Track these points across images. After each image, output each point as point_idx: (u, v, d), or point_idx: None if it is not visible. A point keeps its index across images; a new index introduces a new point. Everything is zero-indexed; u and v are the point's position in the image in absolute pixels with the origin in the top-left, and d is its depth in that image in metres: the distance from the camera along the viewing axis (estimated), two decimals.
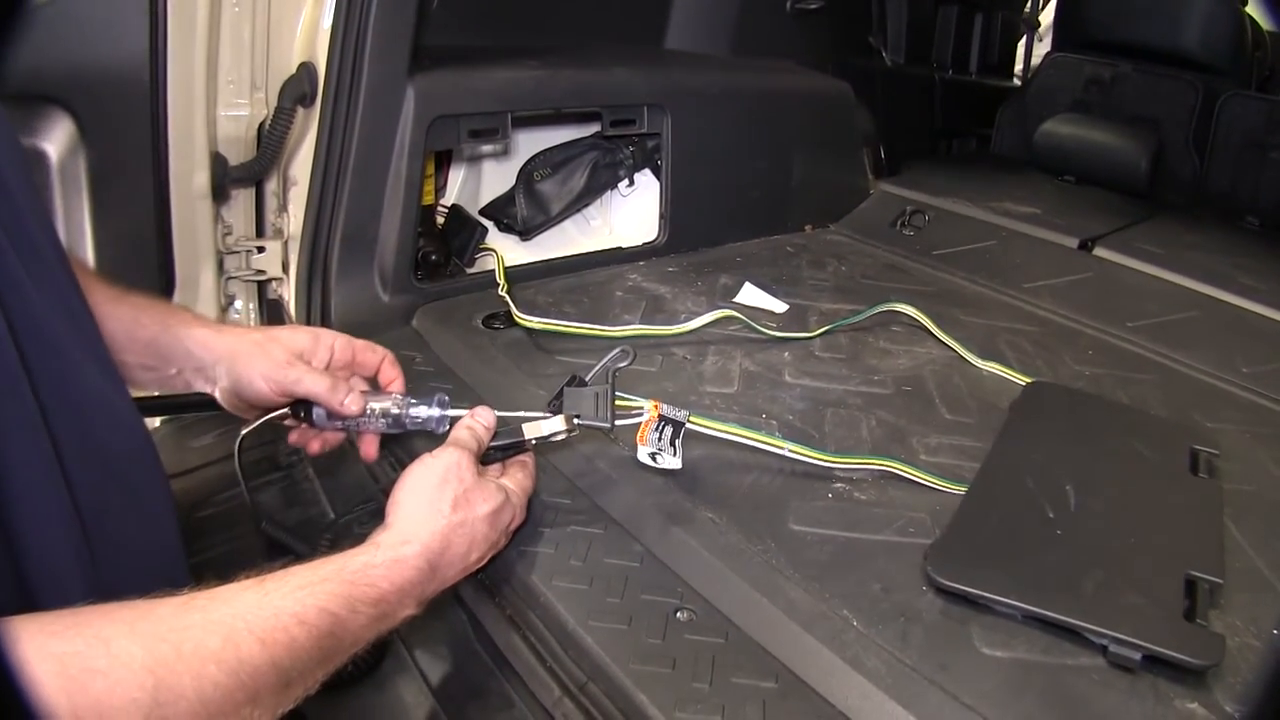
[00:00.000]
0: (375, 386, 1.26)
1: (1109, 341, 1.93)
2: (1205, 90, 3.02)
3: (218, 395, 1.16)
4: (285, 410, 1.19)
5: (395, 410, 1.19)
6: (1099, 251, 2.33)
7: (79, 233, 1.53)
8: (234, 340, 1.14)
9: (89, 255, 1.54)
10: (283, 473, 1.56)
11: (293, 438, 1.25)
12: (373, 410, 1.18)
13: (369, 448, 1.25)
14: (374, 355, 1.24)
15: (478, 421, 1.12)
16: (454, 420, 1.16)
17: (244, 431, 1.21)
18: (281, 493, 1.51)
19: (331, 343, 1.21)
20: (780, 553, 1.15)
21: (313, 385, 1.13)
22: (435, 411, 1.19)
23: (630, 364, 1.27)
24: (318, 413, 1.18)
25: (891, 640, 1.02)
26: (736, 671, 1.00)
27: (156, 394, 1.64)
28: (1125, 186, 2.90)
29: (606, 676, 1.00)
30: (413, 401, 1.20)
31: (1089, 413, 1.56)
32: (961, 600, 1.08)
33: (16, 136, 0.83)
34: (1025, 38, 4.22)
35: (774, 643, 1.04)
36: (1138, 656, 1.00)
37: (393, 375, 1.26)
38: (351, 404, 1.15)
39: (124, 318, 1.07)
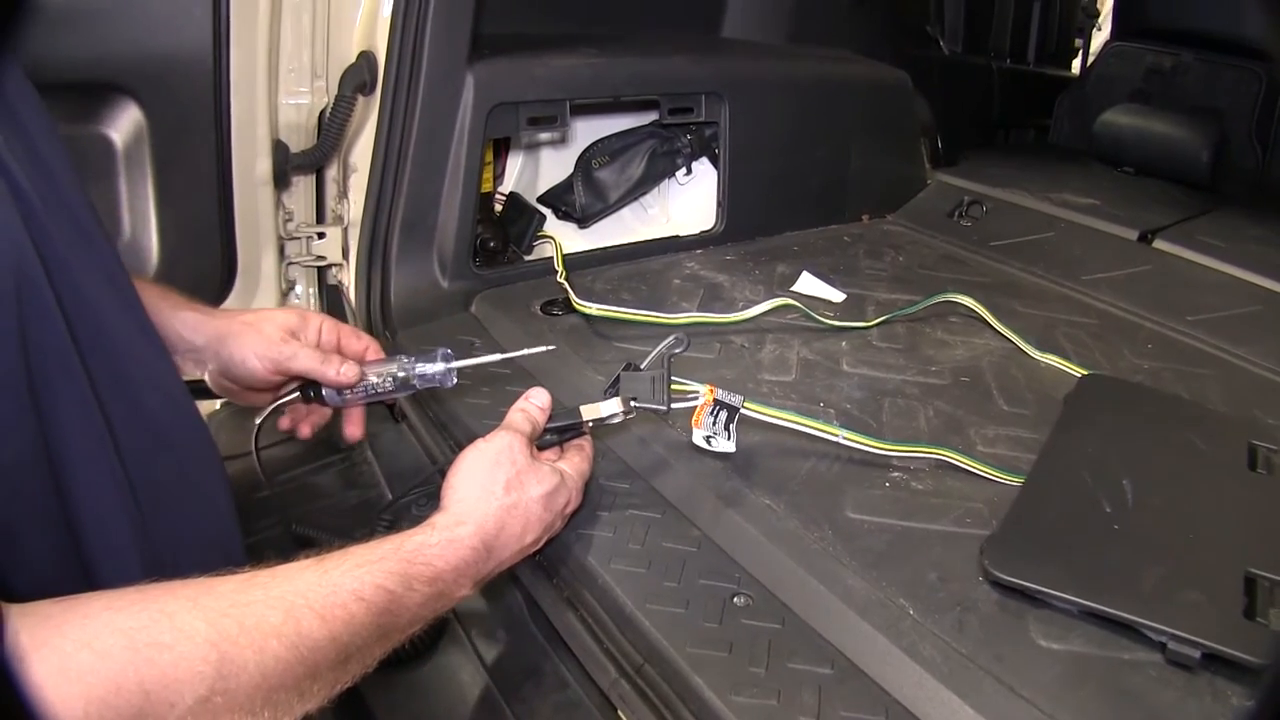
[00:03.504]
0: None
1: (1168, 335, 1.90)
2: (1269, 80, 2.96)
3: (207, 379, 1.17)
4: (296, 395, 1.21)
5: (401, 372, 1.21)
6: (1159, 244, 2.29)
7: (143, 219, 1.57)
8: (223, 322, 1.15)
9: (153, 242, 1.57)
10: (342, 454, 1.58)
11: (283, 424, 1.26)
12: (380, 375, 1.21)
13: (354, 428, 1.27)
14: (359, 342, 1.25)
15: (532, 403, 1.13)
16: (459, 371, 1.22)
17: (258, 420, 1.24)
18: (340, 475, 1.54)
19: (319, 324, 1.21)
20: (837, 540, 1.16)
21: (307, 360, 1.15)
22: (440, 366, 1.21)
23: (684, 350, 1.28)
24: (327, 392, 1.20)
25: (948, 630, 1.02)
26: (792, 657, 1.01)
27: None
28: (1186, 178, 2.84)
29: (663, 659, 1.01)
30: (418, 360, 1.21)
31: (1145, 406, 1.54)
32: (1018, 593, 1.08)
33: (51, 117, 0.84)
34: (1084, 27, 4.17)
35: (830, 629, 1.04)
36: (1197, 654, 0.98)
37: None
38: (347, 372, 1.17)
39: None
